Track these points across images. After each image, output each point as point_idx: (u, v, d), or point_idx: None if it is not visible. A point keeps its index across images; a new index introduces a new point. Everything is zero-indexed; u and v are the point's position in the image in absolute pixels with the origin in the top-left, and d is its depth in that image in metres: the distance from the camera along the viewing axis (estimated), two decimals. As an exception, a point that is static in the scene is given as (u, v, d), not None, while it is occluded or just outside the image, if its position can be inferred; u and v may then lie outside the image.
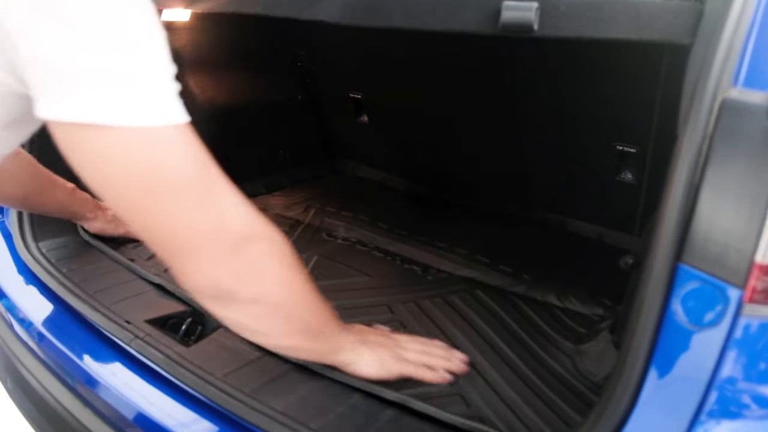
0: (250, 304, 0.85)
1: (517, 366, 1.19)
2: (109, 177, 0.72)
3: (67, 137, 0.71)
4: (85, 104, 0.67)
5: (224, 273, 0.80)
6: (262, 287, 0.85)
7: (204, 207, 0.77)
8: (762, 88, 0.70)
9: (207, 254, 0.78)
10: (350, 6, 1.04)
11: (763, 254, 0.67)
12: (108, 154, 0.70)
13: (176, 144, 0.73)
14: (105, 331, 1.20)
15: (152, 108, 0.70)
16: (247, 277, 0.82)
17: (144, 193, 0.73)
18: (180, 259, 0.79)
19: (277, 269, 0.87)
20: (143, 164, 0.71)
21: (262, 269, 0.85)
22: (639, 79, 1.37)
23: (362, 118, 2.15)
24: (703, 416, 0.74)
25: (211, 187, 0.78)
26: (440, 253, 1.65)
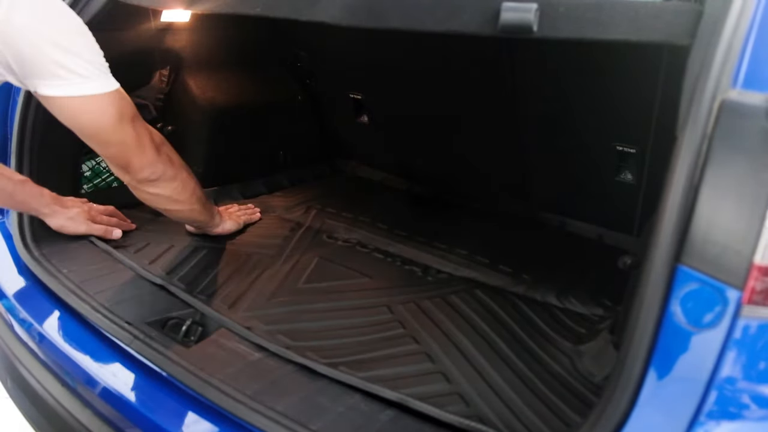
0: (172, 181, 1.37)
1: (517, 366, 1.19)
2: (94, 123, 1.22)
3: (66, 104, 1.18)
4: (69, 85, 1.14)
5: (157, 166, 1.32)
6: (175, 171, 1.37)
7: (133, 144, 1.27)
8: (761, 89, 0.70)
9: (146, 157, 1.30)
10: (350, 7, 1.05)
11: (762, 255, 0.67)
12: (80, 113, 1.19)
13: (113, 103, 1.21)
14: (105, 332, 1.20)
15: (104, 82, 1.19)
16: (167, 166, 1.35)
17: (94, 136, 1.24)
18: (130, 165, 1.29)
19: (180, 162, 1.41)
20: (95, 117, 1.21)
21: (176, 163, 1.38)
22: (639, 79, 1.37)
23: (362, 119, 2.15)
24: (703, 417, 0.74)
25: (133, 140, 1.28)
26: (440, 254, 1.65)
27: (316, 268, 1.57)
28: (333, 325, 1.32)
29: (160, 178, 1.34)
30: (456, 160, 2.00)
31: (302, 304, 1.39)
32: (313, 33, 1.99)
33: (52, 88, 1.14)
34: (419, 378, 1.15)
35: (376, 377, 1.11)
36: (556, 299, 1.44)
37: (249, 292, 1.42)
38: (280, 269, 1.55)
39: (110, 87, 1.21)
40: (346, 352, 1.21)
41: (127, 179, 1.34)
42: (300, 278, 1.51)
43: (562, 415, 1.07)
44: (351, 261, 1.61)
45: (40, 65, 1.12)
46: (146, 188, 1.35)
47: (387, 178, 2.24)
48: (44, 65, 1.12)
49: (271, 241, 1.70)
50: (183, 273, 1.46)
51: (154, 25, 1.79)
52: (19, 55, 1.10)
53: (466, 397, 1.10)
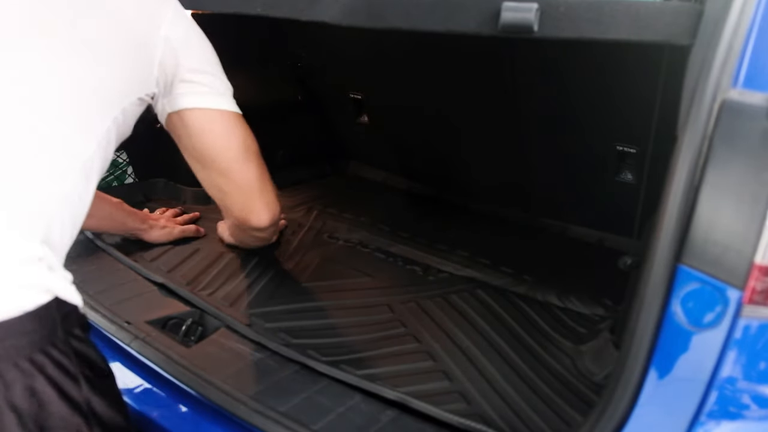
0: (272, 228, 1.35)
1: (518, 365, 1.19)
2: (216, 143, 1.21)
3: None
4: (205, 95, 1.17)
5: (274, 209, 1.32)
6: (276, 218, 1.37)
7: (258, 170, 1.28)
8: (761, 89, 0.70)
9: (270, 201, 1.31)
10: (350, 7, 1.05)
11: (763, 255, 0.67)
12: (211, 126, 1.20)
13: (240, 122, 1.25)
14: (105, 332, 1.20)
15: (231, 101, 1.24)
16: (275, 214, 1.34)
17: (239, 154, 1.23)
18: (252, 210, 1.28)
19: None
20: (231, 135, 1.23)
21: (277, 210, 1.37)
22: (639, 79, 1.37)
23: (362, 119, 2.15)
24: (703, 416, 0.74)
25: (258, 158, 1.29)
26: (441, 254, 1.65)
27: (317, 267, 1.57)
28: (334, 323, 1.32)
29: (272, 223, 1.32)
30: (456, 160, 2.00)
31: (303, 302, 1.39)
32: (313, 33, 1.99)
33: (190, 97, 1.14)
34: (420, 376, 1.15)
35: (377, 375, 1.11)
36: (557, 299, 1.44)
37: (250, 291, 1.42)
38: (282, 268, 1.55)
39: (238, 110, 1.23)
40: (347, 351, 1.21)
41: (240, 222, 1.32)
42: (301, 277, 1.51)
43: (563, 414, 1.07)
44: (352, 261, 1.61)
45: (188, 77, 1.13)
46: (255, 233, 1.36)
47: (388, 179, 2.24)
48: (192, 77, 1.13)
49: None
50: (184, 271, 1.46)
51: (154, 25, 1.79)
52: (175, 64, 1.10)
53: (467, 395, 1.11)
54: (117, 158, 1.82)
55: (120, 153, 1.83)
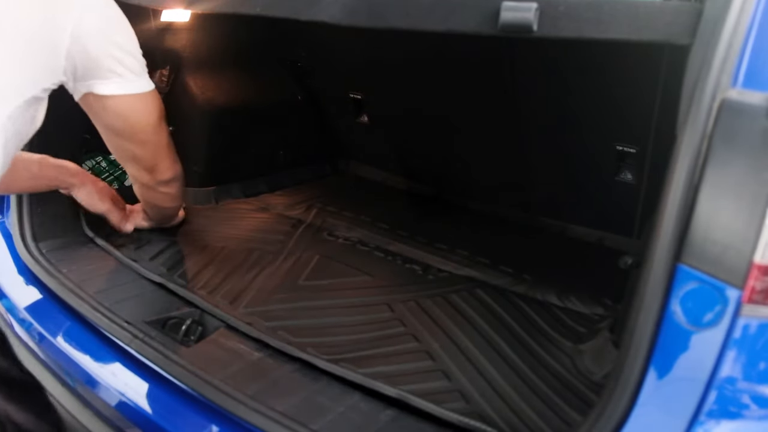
0: (180, 180, 1.44)
1: (517, 364, 1.19)
2: (129, 122, 1.25)
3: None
4: (126, 83, 1.20)
5: (177, 167, 1.41)
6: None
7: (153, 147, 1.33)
8: (761, 88, 0.70)
9: (171, 158, 1.38)
10: (350, 7, 1.05)
11: (762, 254, 0.67)
12: (126, 112, 1.24)
13: (153, 100, 1.28)
14: (105, 332, 1.20)
15: (140, 83, 1.23)
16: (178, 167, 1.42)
17: (127, 134, 1.28)
18: (157, 166, 1.35)
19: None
20: (138, 114, 1.26)
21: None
22: (639, 79, 1.37)
23: (362, 118, 2.15)
24: (703, 416, 0.74)
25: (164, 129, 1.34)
26: (441, 254, 1.65)
27: (316, 265, 1.57)
28: (333, 322, 1.32)
29: (175, 177, 1.41)
30: (456, 159, 2.00)
31: (303, 301, 1.39)
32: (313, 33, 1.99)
33: (110, 86, 1.18)
34: (419, 375, 1.15)
35: (376, 374, 1.11)
36: (557, 298, 1.44)
37: (249, 289, 1.42)
38: (281, 266, 1.55)
39: (152, 86, 1.27)
40: (346, 349, 1.21)
41: (148, 179, 1.39)
42: (301, 276, 1.51)
43: (562, 414, 1.07)
44: (351, 259, 1.61)
45: (102, 64, 1.16)
46: (162, 188, 1.42)
47: (388, 178, 2.24)
48: (106, 64, 1.16)
49: (271, 237, 1.70)
50: (182, 270, 1.46)
51: (154, 25, 1.79)
52: (85, 55, 1.13)
53: (467, 394, 1.11)
54: (117, 158, 1.82)
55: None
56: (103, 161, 1.81)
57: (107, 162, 1.83)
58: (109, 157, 1.81)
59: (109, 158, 1.82)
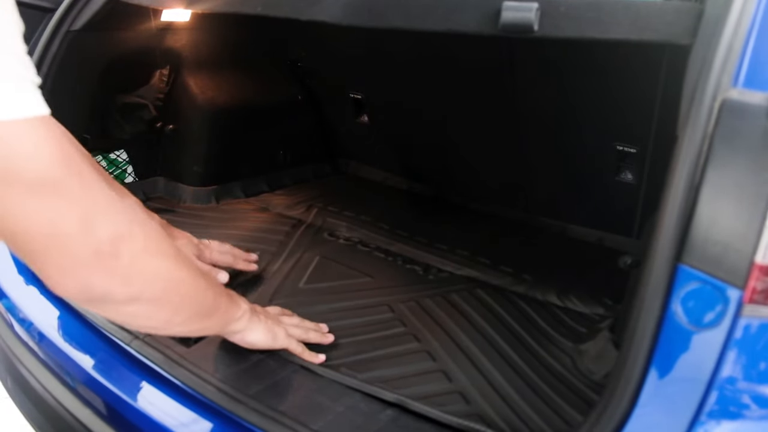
0: (129, 304, 0.80)
1: (518, 364, 1.19)
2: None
3: None
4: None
5: (94, 277, 0.74)
6: (139, 286, 0.80)
7: (63, 207, 0.70)
8: (762, 88, 0.70)
9: (71, 257, 0.72)
10: (351, 6, 1.04)
11: (763, 255, 0.67)
12: None
13: (36, 137, 0.68)
14: (105, 332, 1.20)
15: (16, 100, 0.66)
16: (121, 278, 0.76)
17: (5, 188, 0.67)
18: (42, 263, 0.72)
19: (153, 265, 0.82)
20: (8, 158, 0.66)
21: (136, 268, 0.78)
22: (639, 79, 1.37)
23: (362, 118, 2.15)
24: (703, 416, 0.74)
25: (72, 186, 0.71)
26: (441, 254, 1.65)
27: (317, 267, 1.57)
28: (334, 325, 1.31)
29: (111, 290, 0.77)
30: (456, 159, 2.00)
31: (303, 305, 1.39)
32: (314, 32, 1.99)
33: None
34: (420, 377, 1.15)
35: (377, 377, 1.11)
36: (557, 298, 1.44)
37: (249, 290, 1.42)
38: (281, 268, 1.54)
39: (41, 109, 0.70)
40: (346, 352, 1.21)
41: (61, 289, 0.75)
42: (301, 278, 1.51)
43: (563, 414, 1.07)
44: (352, 260, 1.61)
45: None
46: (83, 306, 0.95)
47: (388, 178, 2.24)
48: None
49: (272, 237, 1.70)
50: (183, 272, 1.46)
51: (154, 25, 1.79)
52: None
53: (467, 395, 1.10)
54: (117, 158, 1.82)
55: (120, 152, 1.83)
56: (102, 161, 1.81)
57: (107, 161, 1.83)
58: (109, 156, 1.81)
59: (109, 157, 1.83)
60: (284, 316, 1.19)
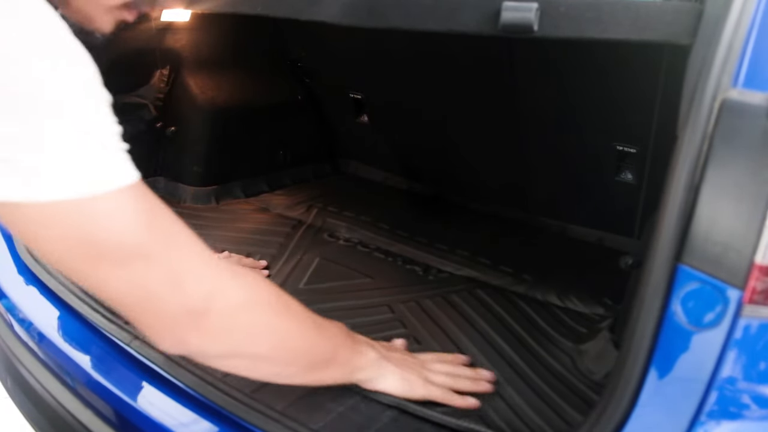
0: (228, 359, 0.81)
1: (518, 364, 1.19)
2: (49, 249, 0.68)
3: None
4: (7, 181, 0.61)
5: (188, 335, 0.74)
6: (237, 343, 0.79)
7: (153, 271, 0.70)
8: (762, 88, 0.70)
9: (164, 318, 0.72)
10: (350, 6, 1.04)
11: (763, 255, 0.67)
12: (39, 229, 0.65)
13: (118, 210, 0.67)
14: (105, 332, 1.20)
15: (86, 177, 0.64)
16: (217, 335, 0.76)
17: (86, 262, 0.67)
18: (138, 321, 0.74)
19: (252, 321, 0.80)
20: (81, 235, 0.66)
21: (233, 325, 0.77)
22: (639, 79, 1.37)
23: (362, 118, 2.15)
24: (703, 416, 0.74)
25: (161, 250, 0.71)
26: (441, 254, 1.65)
27: (317, 268, 1.57)
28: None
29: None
30: (456, 159, 2.00)
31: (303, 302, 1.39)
32: (314, 32, 1.99)
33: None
34: (420, 377, 1.15)
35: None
36: (557, 298, 1.44)
37: (249, 292, 1.42)
38: (282, 269, 1.54)
39: (130, 176, 0.69)
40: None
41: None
42: (301, 279, 1.51)
43: (563, 414, 1.06)
44: (352, 261, 1.61)
45: None
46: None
47: (388, 178, 2.24)
48: None
49: (272, 239, 1.70)
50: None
51: (154, 25, 1.79)
52: None
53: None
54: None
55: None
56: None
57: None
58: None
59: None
60: (435, 363, 1.07)
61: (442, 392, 1.00)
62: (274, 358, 0.84)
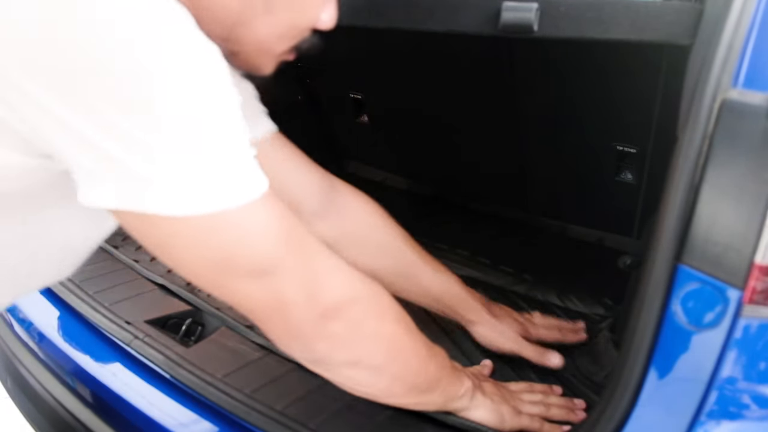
0: (350, 368, 0.80)
1: (518, 365, 1.19)
2: (180, 261, 0.66)
3: (126, 220, 0.63)
4: (145, 194, 0.57)
5: (316, 340, 0.74)
6: (361, 351, 0.79)
7: (286, 281, 0.69)
8: (762, 89, 0.70)
9: (295, 323, 0.72)
10: (351, 6, 1.04)
11: (763, 255, 0.67)
12: (175, 242, 0.63)
13: (252, 223, 0.64)
14: (105, 332, 1.20)
15: (220, 190, 0.60)
16: (343, 342, 0.76)
17: (220, 274, 0.66)
18: (267, 327, 0.73)
19: (376, 330, 0.81)
20: (213, 251, 0.64)
21: (359, 333, 0.78)
22: (639, 79, 1.37)
23: (362, 118, 2.15)
24: (703, 416, 0.74)
25: (294, 260, 0.69)
26: (441, 254, 1.64)
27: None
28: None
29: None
30: (456, 159, 2.00)
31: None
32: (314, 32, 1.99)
33: (85, 186, 0.59)
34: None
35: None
36: (557, 298, 1.44)
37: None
38: (281, 269, 1.54)
39: (262, 185, 0.64)
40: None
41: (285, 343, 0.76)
42: (300, 278, 1.51)
43: (563, 415, 1.06)
44: (351, 260, 1.61)
45: (66, 141, 0.56)
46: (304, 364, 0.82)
47: (388, 178, 2.23)
48: (46, 133, 0.56)
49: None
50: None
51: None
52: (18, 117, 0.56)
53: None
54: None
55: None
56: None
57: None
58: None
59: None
60: (525, 393, 1.06)
61: (532, 422, 0.99)
62: (390, 372, 0.84)
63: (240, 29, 0.70)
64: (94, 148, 0.55)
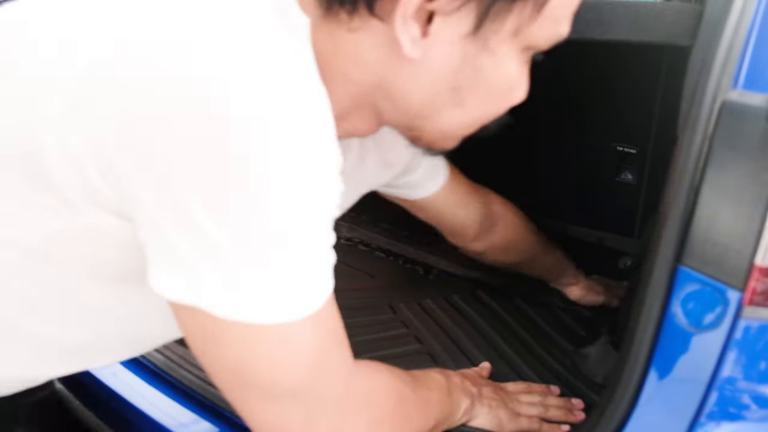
0: None
1: (518, 365, 1.19)
2: (201, 357, 0.61)
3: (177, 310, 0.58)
4: (202, 287, 0.52)
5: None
6: None
7: (293, 411, 0.64)
8: (762, 90, 0.70)
9: None
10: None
11: (763, 256, 0.67)
12: (202, 335, 0.58)
13: (290, 343, 0.58)
14: (106, 332, 1.20)
15: (289, 305, 0.55)
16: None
17: (235, 385, 0.63)
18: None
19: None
20: (240, 362, 0.58)
21: None
22: (639, 80, 1.37)
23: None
24: (703, 418, 0.74)
25: (311, 394, 0.63)
26: (442, 254, 1.65)
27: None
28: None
29: None
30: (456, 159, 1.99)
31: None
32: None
33: (160, 276, 0.54)
34: (420, 378, 1.15)
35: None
36: (558, 299, 1.44)
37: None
38: (281, 269, 1.54)
39: (322, 298, 0.58)
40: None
41: None
42: (301, 278, 1.51)
43: (563, 415, 1.06)
44: (353, 260, 1.61)
45: (146, 222, 0.53)
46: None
47: (388, 178, 2.23)
48: (148, 220, 0.52)
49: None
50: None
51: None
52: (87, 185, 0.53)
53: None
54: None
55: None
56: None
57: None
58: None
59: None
60: (523, 394, 1.05)
61: (530, 423, 0.99)
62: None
63: (421, 121, 0.72)
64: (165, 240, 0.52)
